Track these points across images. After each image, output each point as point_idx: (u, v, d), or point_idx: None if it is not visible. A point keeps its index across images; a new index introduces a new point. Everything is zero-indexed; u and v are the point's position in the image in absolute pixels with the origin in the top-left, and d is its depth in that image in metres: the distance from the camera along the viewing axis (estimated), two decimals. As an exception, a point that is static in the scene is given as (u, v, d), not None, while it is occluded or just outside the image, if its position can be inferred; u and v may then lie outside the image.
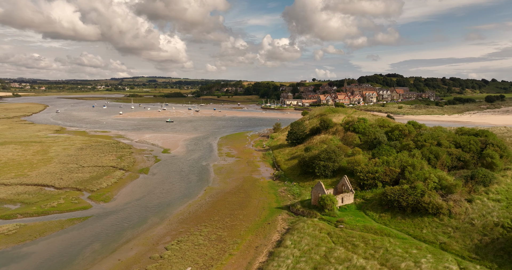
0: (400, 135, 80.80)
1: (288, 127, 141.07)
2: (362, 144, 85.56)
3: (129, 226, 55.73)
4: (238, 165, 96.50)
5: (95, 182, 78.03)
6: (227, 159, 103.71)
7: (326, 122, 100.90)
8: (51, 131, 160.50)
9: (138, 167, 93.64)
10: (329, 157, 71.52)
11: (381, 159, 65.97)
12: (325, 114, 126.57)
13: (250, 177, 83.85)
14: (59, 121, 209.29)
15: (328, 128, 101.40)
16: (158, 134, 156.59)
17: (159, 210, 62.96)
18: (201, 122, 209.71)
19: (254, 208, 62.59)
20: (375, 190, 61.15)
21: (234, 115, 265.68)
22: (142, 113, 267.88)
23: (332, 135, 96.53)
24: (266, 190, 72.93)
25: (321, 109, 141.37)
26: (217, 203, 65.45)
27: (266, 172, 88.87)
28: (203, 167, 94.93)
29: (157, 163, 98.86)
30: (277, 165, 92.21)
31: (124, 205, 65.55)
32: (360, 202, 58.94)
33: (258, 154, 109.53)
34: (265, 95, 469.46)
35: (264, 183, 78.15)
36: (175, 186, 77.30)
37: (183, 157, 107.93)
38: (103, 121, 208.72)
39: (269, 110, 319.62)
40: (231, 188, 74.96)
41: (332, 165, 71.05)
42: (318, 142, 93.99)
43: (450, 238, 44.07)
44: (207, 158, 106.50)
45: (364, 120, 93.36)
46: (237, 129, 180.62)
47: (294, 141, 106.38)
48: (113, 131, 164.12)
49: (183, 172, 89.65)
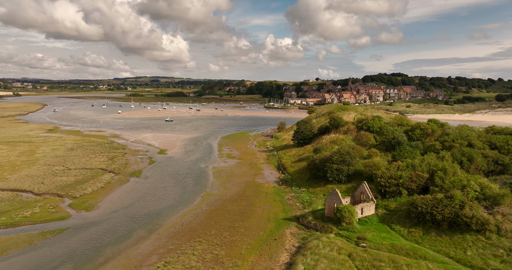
0: (422, 134, 71.76)
1: (294, 126, 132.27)
2: (378, 145, 76.65)
3: (110, 242, 47.22)
4: (239, 167, 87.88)
5: (80, 187, 69.66)
6: (227, 161, 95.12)
7: (337, 121, 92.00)
8: (43, 130, 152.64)
9: (130, 170, 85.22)
10: (343, 160, 62.69)
11: (405, 162, 57.06)
12: (333, 112, 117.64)
13: (253, 181, 75.20)
14: (55, 120, 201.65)
15: (339, 127, 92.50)
16: (156, 133, 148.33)
17: (148, 221, 54.44)
18: (201, 122, 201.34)
19: (258, 219, 53.90)
20: (399, 198, 52.28)
21: (236, 114, 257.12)
22: (142, 112, 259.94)
23: (343, 134, 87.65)
24: (271, 197, 64.22)
25: (328, 107, 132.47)
26: (215, 213, 56.84)
27: (270, 175, 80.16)
28: (201, 169, 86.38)
29: (151, 165, 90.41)
30: (282, 168, 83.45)
31: (108, 214, 57.07)
32: (382, 213, 50.08)
33: (262, 156, 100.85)
34: (268, 94, 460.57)
35: (268, 189, 69.46)
36: (169, 192, 68.76)
37: (180, 158, 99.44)
38: (100, 120, 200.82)
39: (272, 109, 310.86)
40: (232, 195, 66.33)
41: (346, 168, 62.22)
42: (328, 143, 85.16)
43: (504, 263, 35.16)
44: (206, 159, 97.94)
45: (379, 118, 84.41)
46: (239, 128, 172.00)
47: (301, 141, 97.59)
48: (109, 131, 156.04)
49: (179, 175, 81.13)
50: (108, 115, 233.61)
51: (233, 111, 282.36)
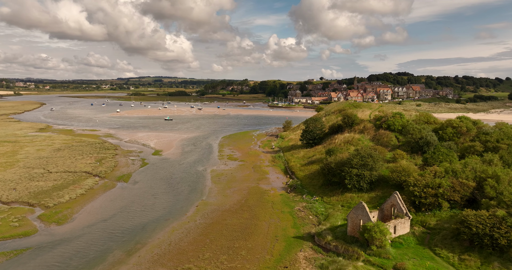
0: (455, 133, 61.43)
1: (301, 125, 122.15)
2: (401, 146, 66.40)
3: (77, 267, 37.47)
4: (241, 170, 77.96)
5: (56, 194, 60.06)
6: (228, 163, 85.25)
7: (351, 118, 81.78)
8: (34, 129, 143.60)
9: (118, 173, 75.57)
10: (364, 163, 52.55)
11: (442, 167, 46.82)
12: (345, 109, 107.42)
13: (256, 187, 65.21)
14: (50, 119, 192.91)
15: (353, 125, 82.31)
16: (153, 133, 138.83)
17: (129, 238, 44.66)
18: (202, 121, 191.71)
19: (263, 237, 43.92)
20: (439, 213, 42.13)
21: (239, 113, 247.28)
22: (141, 111, 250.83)
23: (359, 134, 77.45)
24: (278, 207, 54.22)
25: (338, 104, 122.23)
26: (211, 228, 46.94)
27: (277, 180, 70.13)
28: (199, 173, 76.54)
29: (142, 168, 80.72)
30: (290, 172, 73.38)
31: (82, 229, 47.35)
32: (420, 232, 39.92)
33: (266, 157, 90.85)
34: (271, 93, 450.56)
35: (275, 197, 59.44)
36: (159, 200, 58.94)
37: (176, 160, 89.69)
38: (96, 119, 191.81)
39: (276, 108, 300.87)
40: (232, 204, 56.40)
41: (368, 174, 52.06)
42: (342, 143, 75.01)
43: None
44: (204, 161, 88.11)
45: (400, 116, 74.12)
46: (241, 127, 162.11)
47: (310, 141, 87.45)
48: (103, 130, 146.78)
49: (173, 180, 71.35)
50: (105, 114, 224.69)
51: (236, 110, 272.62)
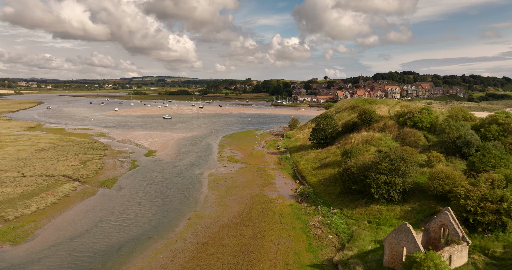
0: (501, 132, 51.04)
1: (309, 124, 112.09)
2: (432, 146, 56.10)
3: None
4: (243, 174, 67.97)
5: (22, 204, 50.40)
6: (229, 166, 75.30)
7: (369, 115, 71.49)
8: (23, 128, 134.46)
9: (102, 178, 65.86)
10: (396, 168, 42.36)
11: (500, 174, 36.54)
12: (358, 105, 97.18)
13: (261, 195, 55.16)
14: (43, 117, 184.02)
15: (371, 122, 72.06)
16: (149, 132, 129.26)
17: (100, 263, 34.83)
18: (203, 119, 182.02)
19: (271, 264, 33.88)
20: (504, 236, 31.94)
21: (242, 111, 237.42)
22: (140, 110, 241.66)
23: (379, 132, 67.16)
24: (288, 222, 44.18)
25: (350, 101, 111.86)
26: (204, 250, 36.98)
27: (285, 187, 60.02)
28: (194, 177, 66.65)
29: (131, 171, 70.98)
30: (300, 176, 63.24)
31: (42, 251, 37.58)
32: (483, 262, 29.72)
33: (272, 159, 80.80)
34: (275, 92, 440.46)
35: (283, 208, 49.38)
36: (144, 212, 49.10)
37: (171, 162, 79.91)
38: (91, 118, 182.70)
39: (280, 106, 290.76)
40: (231, 216, 46.44)
41: (401, 182, 41.86)
42: (360, 143, 64.81)
43: None
44: (202, 163, 78.23)
45: (428, 111, 63.70)
46: (244, 126, 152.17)
47: (322, 141, 77.28)
48: (97, 129, 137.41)
49: (164, 185, 61.50)
50: (102, 113, 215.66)
51: (239, 109, 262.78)
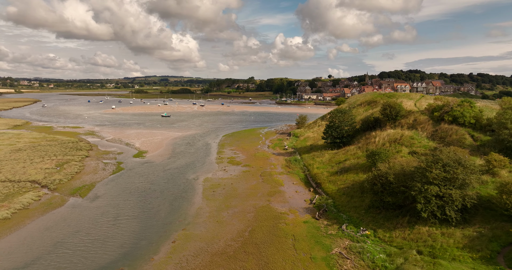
0: None
1: (318, 121, 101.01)
2: (481, 146, 44.78)
3: None
4: (246, 179, 57.00)
5: (-35, 219, 39.76)
6: (229, 169, 64.37)
7: (395, 109, 60.08)
8: (8, 126, 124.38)
9: (77, 183, 55.17)
10: (452, 177, 31.19)
11: None
12: (375, 100, 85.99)
13: (267, 207, 44.13)
14: (35, 115, 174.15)
15: (398, 118, 60.71)
16: (144, 130, 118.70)
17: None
18: (204, 117, 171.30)
19: None
20: None
21: (245, 109, 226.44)
22: (138, 108, 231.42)
23: (409, 130, 55.82)
24: (304, 248, 33.12)
25: (365, 95, 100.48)
26: (189, 295, 26.04)
27: (296, 196, 48.92)
28: (187, 183, 55.78)
29: (114, 176, 60.26)
30: (315, 183, 52.08)
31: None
32: None
33: (279, 161, 69.76)
34: (279, 91, 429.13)
35: (297, 226, 38.30)
36: (118, 230, 38.26)
37: (162, 164, 69.14)
38: (86, 116, 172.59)
39: (285, 104, 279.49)
40: (229, 239, 35.47)
41: (460, 195, 30.68)
42: (387, 142, 53.61)
43: None
44: (197, 166, 67.37)
45: (470, 104, 52.39)
46: (247, 125, 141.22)
47: (337, 140, 66.08)
48: (88, 127, 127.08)
49: (149, 194, 50.68)
50: (99, 111, 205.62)
51: (241, 107, 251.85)
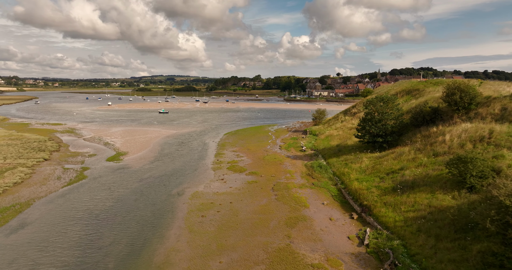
0: None
1: (340, 116, 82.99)
2: None
3: None
4: (251, 196, 39.06)
5: None
6: (228, 178, 46.46)
7: (468, 94, 41.44)
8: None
9: (5, 202, 37.80)
10: None
11: None
12: (417, 89, 67.52)
13: (287, 252, 26.04)
14: (21, 112, 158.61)
15: (471, 107, 42.20)
16: (134, 127, 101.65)
17: None
18: (205, 114, 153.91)
19: None
20: None
21: (251, 106, 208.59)
22: (136, 104, 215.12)
23: (497, 123, 37.34)
24: None
25: (401, 83, 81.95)
26: None
27: (332, 227, 30.73)
28: (166, 202, 38.00)
29: (65, 189, 42.80)
30: (359, 206, 33.78)
31: None
32: None
33: (296, 166, 51.60)
34: (286, 88, 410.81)
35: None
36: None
37: (140, 170, 51.55)
38: (75, 112, 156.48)
39: (294, 101, 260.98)
40: None
41: None
42: (467, 142, 35.26)
43: None
44: (187, 174, 49.58)
45: None
46: (253, 122, 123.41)
47: (379, 139, 47.69)
48: (71, 124, 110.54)
49: (105, 221, 33.00)
50: (92, 107, 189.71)
51: (247, 104, 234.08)
